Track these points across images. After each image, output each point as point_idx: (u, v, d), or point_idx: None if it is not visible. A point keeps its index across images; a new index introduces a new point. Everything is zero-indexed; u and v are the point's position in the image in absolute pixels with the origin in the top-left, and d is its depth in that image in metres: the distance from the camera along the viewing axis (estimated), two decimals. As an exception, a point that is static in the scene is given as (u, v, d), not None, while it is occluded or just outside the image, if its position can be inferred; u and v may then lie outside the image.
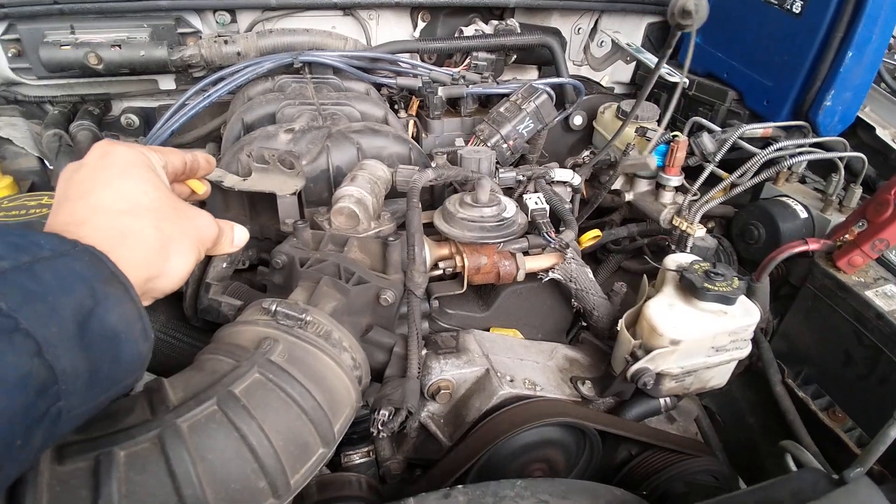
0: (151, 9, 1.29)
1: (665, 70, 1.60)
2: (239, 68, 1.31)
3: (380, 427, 0.66)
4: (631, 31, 1.84)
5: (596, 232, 1.38)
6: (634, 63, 1.86)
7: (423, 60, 1.57)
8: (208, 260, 0.72)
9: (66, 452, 0.49)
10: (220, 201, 0.97)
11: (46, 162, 1.16)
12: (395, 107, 1.49)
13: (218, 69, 1.37)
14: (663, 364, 0.95)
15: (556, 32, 1.65)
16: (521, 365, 0.99)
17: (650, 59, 1.57)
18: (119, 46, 1.24)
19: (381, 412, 0.66)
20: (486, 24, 1.59)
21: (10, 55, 1.30)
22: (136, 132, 1.55)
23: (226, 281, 0.76)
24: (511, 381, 0.92)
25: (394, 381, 0.71)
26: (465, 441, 0.87)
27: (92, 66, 1.23)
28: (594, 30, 1.82)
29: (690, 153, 1.39)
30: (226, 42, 1.33)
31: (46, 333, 0.39)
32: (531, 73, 1.83)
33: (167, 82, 1.47)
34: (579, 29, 1.80)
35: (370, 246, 0.78)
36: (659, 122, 1.43)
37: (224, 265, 0.75)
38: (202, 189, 0.73)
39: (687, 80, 1.59)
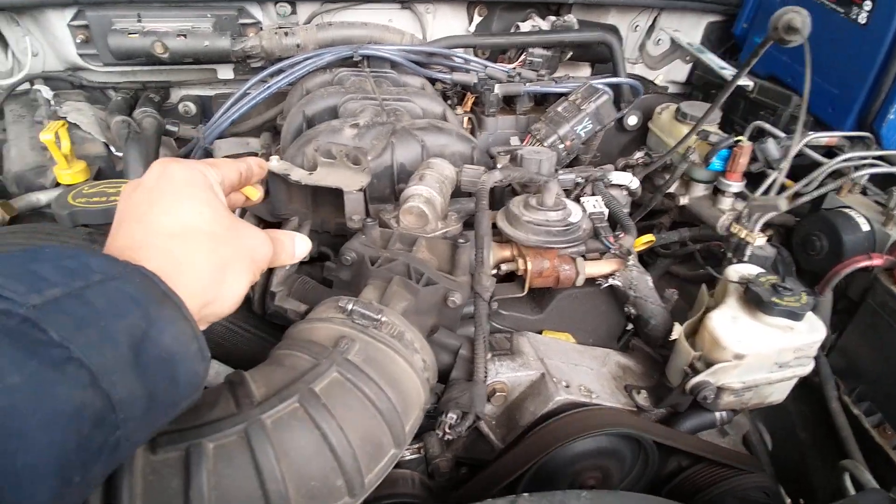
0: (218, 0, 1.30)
1: (727, 71, 1.55)
2: (298, 60, 1.32)
3: (447, 430, 0.66)
4: (689, 29, 1.78)
5: (650, 237, 1.35)
6: (691, 63, 1.80)
7: (476, 55, 1.55)
8: (271, 269, 0.73)
9: (159, 442, 0.50)
10: (284, 193, 0.98)
11: (112, 148, 1.19)
12: (448, 102, 1.48)
13: (276, 60, 1.38)
14: (724, 378, 0.93)
15: (614, 30, 1.61)
16: (576, 370, 0.98)
17: (714, 60, 1.51)
18: (184, 36, 1.27)
19: (448, 415, 0.66)
20: (543, 19, 1.56)
21: (78, 41, 1.34)
22: (192, 119, 1.58)
23: (291, 278, 0.77)
24: (567, 386, 0.91)
25: (460, 384, 0.71)
26: (520, 445, 0.87)
27: (157, 55, 1.26)
28: (652, 27, 1.77)
29: (753, 159, 1.34)
30: (286, 34, 1.34)
31: (100, 361, 0.38)
32: (584, 71, 1.79)
33: (226, 72, 1.49)
34: (636, 26, 1.75)
35: (438, 246, 0.78)
36: (735, 130, 1.38)
37: (287, 267, 0.76)
38: (256, 195, 0.73)
39: (751, 84, 1.54)
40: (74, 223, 0.75)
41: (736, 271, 1.00)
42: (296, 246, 0.63)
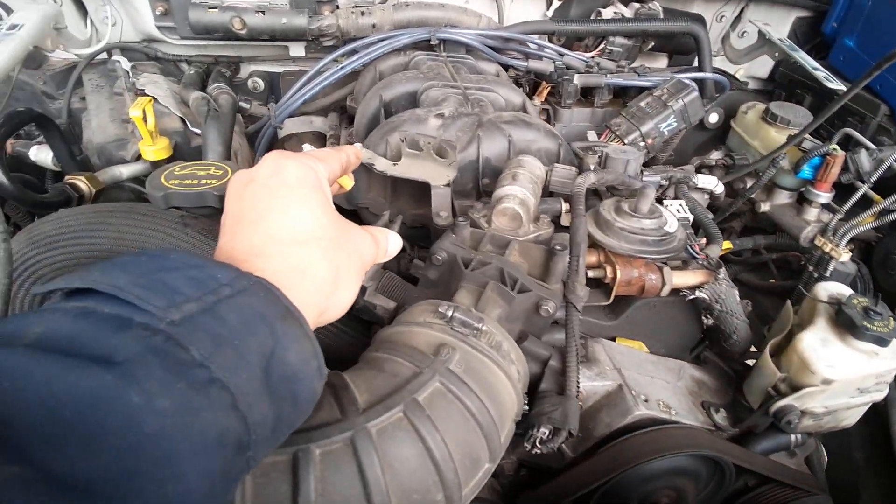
0: (294, -26, 1.28)
1: (821, 73, 1.44)
2: (373, 41, 1.29)
3: (538, 444, 0.64)
4: (777, 23, 1.67)
5: (727, 244, 1.29)
6: (778, 59, 1.69)
7: (550, 41, 1.49)
8: None
9: (269, 444, 0.49)
10: (364, 182, 0.96)
11: (188, 123, 1.19)
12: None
13: (350, 40, 1.36)
14: (809, 403, 0.89)
15: (700, 20, 1.51)
16: (653, 383, 0.94)
17: (808, 61, 1.41)
18: (263, 13, 1.25)
19: (540, 429, 0.64)
20: (626, 6, 1.48)
21: (157, 13, 1.34)
22: (260, 95, 1.58)
23: (378, 273, 0.75)
24: (646, 400, 0.88)
25: (551, 397, 0.68)
26: (595, 458, 0.85)
27: (235, 31, 1.25)
28: (738, 19, 1.67)
29: (844, 169, 1.25)
30: (362, 13, 1.31)
31: (237, 382, 0.37)
32: (659, 61, 1.71)
33: (297, 49, 1.47)
34: (722, 16, 1.65)
35: (531, 251, 0.74)
36: (819, 134, 1.29)
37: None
38: (349, 184, 0.72)
39: (843, 88, 1.43)
40: (168, 205, 0.75)
41: (825, 290, 0.95)
42: (390, 244, 0.61)
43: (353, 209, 1.02)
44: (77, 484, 0.28)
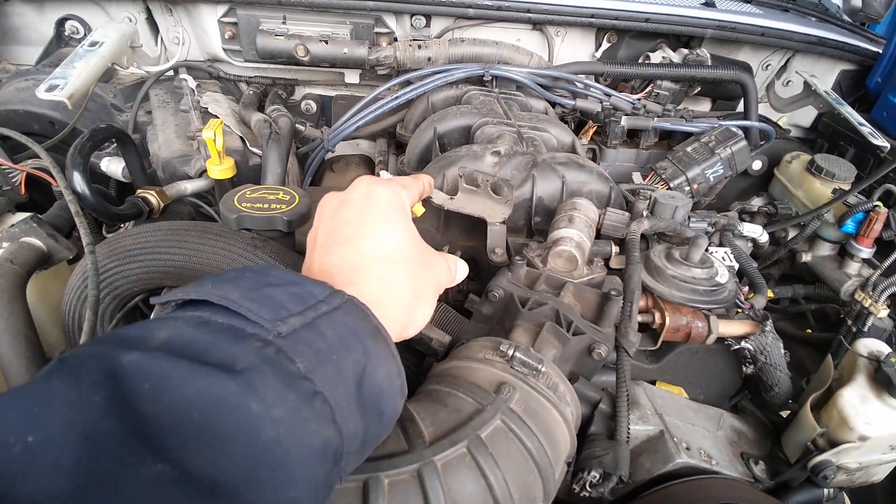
0: (358, 8, 1.34)
1: (867, 129, 1.44)
2: (428, 73, 1.34)
3: (587, 488, 0.65)
4: (822, 74, 1.68)
5: (769, 293, 1.28)
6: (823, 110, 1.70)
7: (597, 82, 1.52)
8: None
9: (341, 470, 0.51)
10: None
11: (247, 142, 1.25)
12: (566, 128, 1.46)
13: (404, 70, 1.41)
14: (845, 458, 0.89)
15: (747, 68, 1.53)
16: (694, 431, 0.94)
17: (853, 115, 1.42)
18: (325, 42, 1.31)
19: (591, 473, 0.65)
20: (674, 51, 1.51)
21: (226, 37, 1.41)
22: (311, 117, 1.64)
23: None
24: (687, 448, 0.88)
25: (601, 441, 0.69)
26: (636, 502, 0.85)
27: (299, 58, 1.31)
28: (784, 68, 1.68)
29: (886, 226, 1.25)
30: (419, 46, 1.36)
31: (336, 396, 0.38)
32: (704, 105, 1.73)
33: (352, 76, 1.53)
34: (768, 65, 1.67)
35: (585, 294, 0.76)
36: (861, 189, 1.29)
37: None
38: (421, 212, 0.74)
39: (887, 145, 1.43)
40: (239, 226, 0.79)
41: (865, 346, 0.96)
42: (458, 270, 0.64)
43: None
44: (207, 484, 0.30)
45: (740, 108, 1.67)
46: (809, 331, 1.49)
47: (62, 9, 1.38)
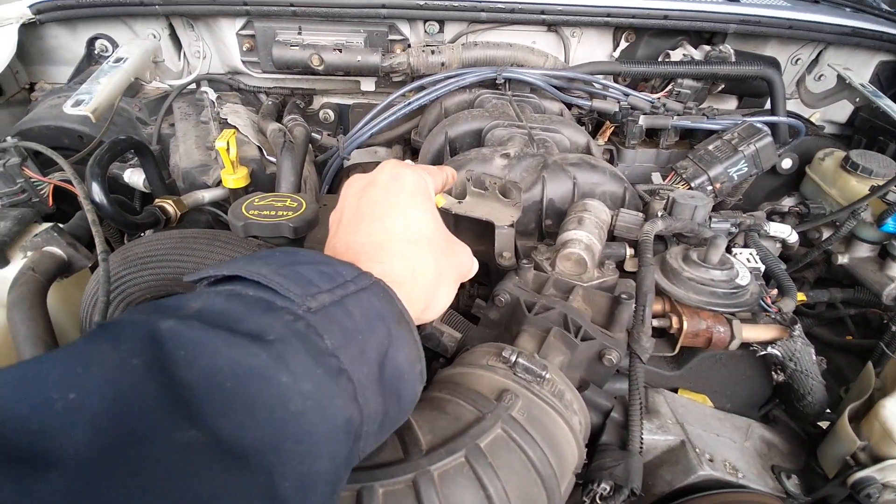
0: (371, 16, 1.35)
1: (907, 118, 1.36)
2: (441, 78, 1.33)
3: (597, 500, 0.62)
4: (858, 67, 1.60)
5: (801, 296, 1.22)
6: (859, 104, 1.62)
7: (616, 82, 1.49)
8: None
9: (334, 478, 0.50)
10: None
11: (264, 152, 1.26)
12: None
13: (418, 77, 1.41)
14: (892, 476, 0.82)
15: (774, 63, 1.48)
16: (718, 442, 0.89)
17: (892, 107, 1.34)
18: (339, 50, 1.32)
19: (601, 485, 0.62)
20: (696, 48, 1.47)
21: (244, 49, 1.44)
22: (330, 126, 1.65)
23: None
24: (711, 460, 0.83)
25: (612, 451, 0.66)
26: (652, 517, 0.81)
27: (314, 67, 1.32)
28: (815, 62, 1.61)
29: (931, 223, 1.18)
30: (432, 52, 1.36)
31: (359, 376, 0.39)
32: (730, 103, 1.67)
33: (368, 84, 1.54)
34: (797, 59, 1.60)
35: (595, 298, 0.74)
36: None
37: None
38: (442, 202, 0.74)
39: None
40: (247, 234, 0.80)
41: (910, 353, 0.88)
42: (474, 264, 0.63)
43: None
44: (238, 451, 0.30)
45: (769, 105, 1.61)
46: (850, 337, 1.41)
47: (93, 28, 1.44)
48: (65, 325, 0.95)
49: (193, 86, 1.53)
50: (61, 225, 0.92)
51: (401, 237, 0.51)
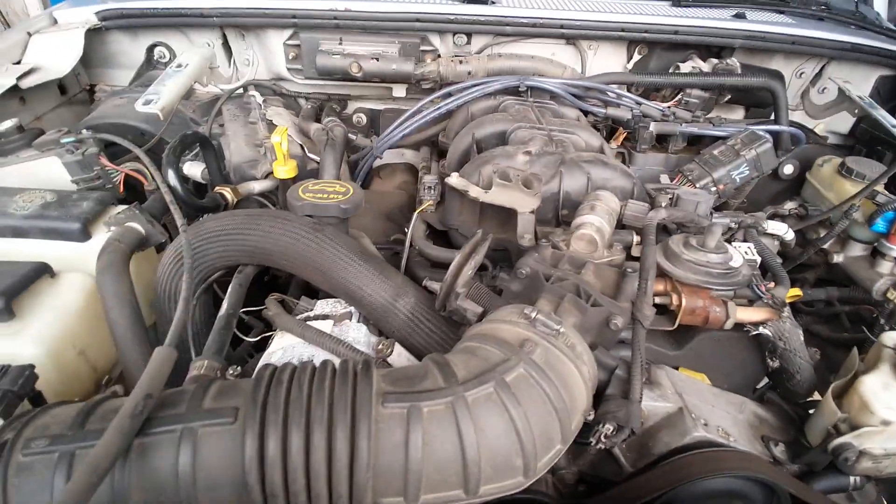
0: (406, 28, 1.49)
1: (900, 128, 1.46)
2: (468, 85, 1.46)
3: (602, 440, 0.73)
4: (859, 81, 1.70)
5: (796, 291, 1.31)
6: (858, 115, 1.71)
7: (629, 91, 1.61)
8: (459, 269, 0.84)
9: (388, 399, 0.62)
10: (457, 206, 1.11)
11: (305, 149, 1.40)
12: (598, 134, 1.55)
13: (445, 84, 1.54)
14: (868, 443, 0.92)
15: (778, 76, 1.59)
16: (713, 412, 0.99)
17: (887, 118, 1.44)
18: (377, 59, 1.46)
19: (605, 426, 0.73)
20: (704, 61, 1.58)
21: (290, 57, 1.59)
22: (362, 129, 1.79)
23: (468, 283, 0.88)
24: (705, 424, 0.93)
25: (616, 399, 0.77)
26: (651, 472, 0.91)
27: (353, 74, 1.46)
28: (818, 75, 1.72)
29: (917, 224, 1.27)
30: (460, 62, 1.49)
31: None
32: (737, 113, 1.78)
33: (399, 90, 1.67)
34: (801, 73, 1.71)
35: (604, 273, 0.85)
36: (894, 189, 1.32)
37: (470, 272, 0.87)
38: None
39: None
40: (303, 212, 0.93)
41: (891, 338, 0.98)
42: None
43: (444, 230, 1.17)
44: None
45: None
46: (846, 333, 1.50)
47: (152, 37, 1.60)
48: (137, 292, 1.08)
49: (241, 90, 1.69)
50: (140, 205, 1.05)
51: None
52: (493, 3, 1.58)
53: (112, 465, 0.53)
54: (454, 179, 1.05)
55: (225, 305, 0.88)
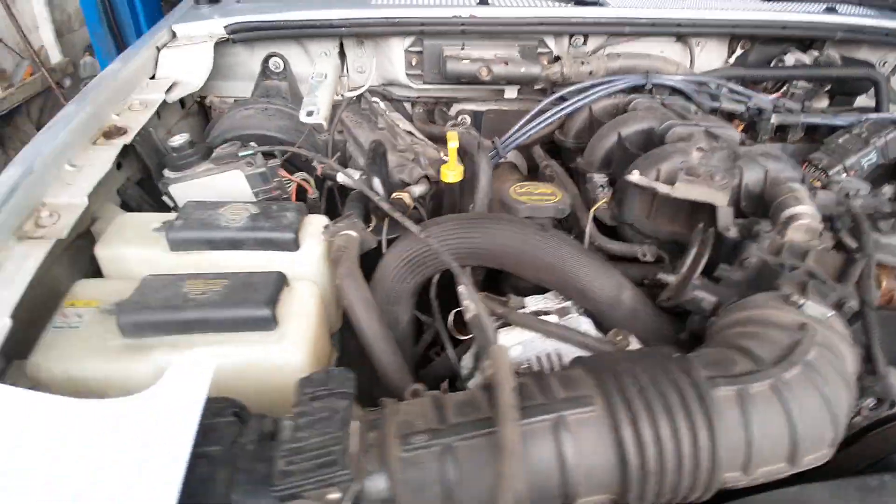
0: (527, 32, 1.53)
1: None
2: (586, 86, 1.52)
3: (865, 411, 0.80)
4: (945, 69, 1.80)
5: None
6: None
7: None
8: (698, 259, 0.91)
9: (717, 383, 0.68)
10: (634, 202, 1.16)
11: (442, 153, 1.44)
12: (710, 128, 1.61)
13: (563, 85, 1.59)
14: None
15: (870, 66, 1.67)
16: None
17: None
18: (506, 63, 1.50)
19: (866, 401, 0.80)
20: (804, 53, 1.66)
21: (411, 63, 1.62)
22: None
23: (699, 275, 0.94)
24: None
25: (865, 377, 0.84)
26: (856, 444, 0.98)
27: (482, 78, 1.50)
28: (900, 64, 1.81)
29: None
30: (582, 63, 1.55)
31: None
32: (822, 102, 1.86)
33: (511, 92, 1.72)
34: (885, 63, 1.79)
35: (827, 259, 0.91)
36: None
37: (702, 263, 0.93)
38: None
39: None
40: (524, 214, 0.98)
41: None
42: None
43: (613, 225, 1.22)
44: None
45: (857, 102, 1.81)
46: None
47: (268, 47, 1.62)
48: (328, 298, 1.11)
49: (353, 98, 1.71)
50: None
51: None
52: (602, 4, 1.63)
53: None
54: (636, 177, 1.11)
55: (472, 305, 0.93)
